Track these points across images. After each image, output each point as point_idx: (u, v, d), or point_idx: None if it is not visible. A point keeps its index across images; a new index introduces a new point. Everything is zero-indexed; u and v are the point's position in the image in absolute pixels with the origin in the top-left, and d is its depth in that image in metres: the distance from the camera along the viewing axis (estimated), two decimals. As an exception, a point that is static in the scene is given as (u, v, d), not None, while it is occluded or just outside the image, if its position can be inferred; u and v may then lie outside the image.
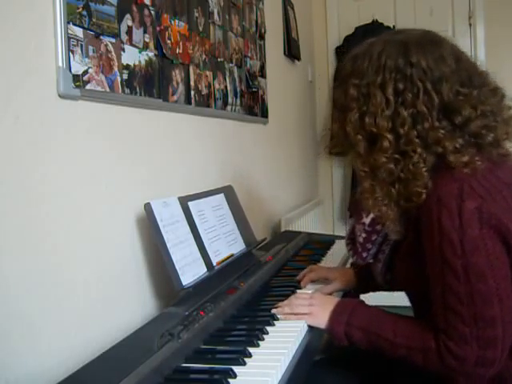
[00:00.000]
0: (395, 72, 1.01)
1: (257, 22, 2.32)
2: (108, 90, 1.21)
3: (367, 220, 1.25)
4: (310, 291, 1.36)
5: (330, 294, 1.42)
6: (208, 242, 1.45)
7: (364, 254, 1.27)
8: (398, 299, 1.45)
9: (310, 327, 1.17)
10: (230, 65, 1.98)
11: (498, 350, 0.96)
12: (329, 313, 1.14)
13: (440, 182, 0.99)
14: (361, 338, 1.10)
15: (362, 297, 1.54)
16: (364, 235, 1.26)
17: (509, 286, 0.97)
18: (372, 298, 1.50)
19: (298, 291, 1.38)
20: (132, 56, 1.31)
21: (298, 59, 3.13)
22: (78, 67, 1.11)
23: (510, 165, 1.07)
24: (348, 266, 1.66)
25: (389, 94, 1.01)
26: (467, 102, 1.00)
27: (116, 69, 1.24)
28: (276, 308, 1.24)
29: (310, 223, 3.04)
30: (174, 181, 1.54)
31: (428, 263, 1.03)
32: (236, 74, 2.04)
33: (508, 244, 0.97)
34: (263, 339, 1.09)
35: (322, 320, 1.15)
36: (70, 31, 1.08)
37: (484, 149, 1.02)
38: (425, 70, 1.01)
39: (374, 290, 1.44)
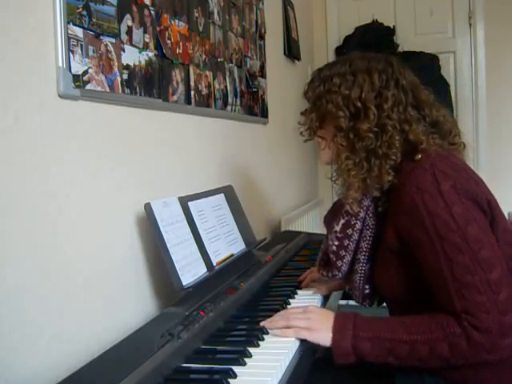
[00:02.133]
0: (379, 67, 1.19)
1: (257, 21, 2.32)
2: (108, 90, 1.21)
3: (338, 227, 1.24)
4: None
5: (332, 290, 1.44)
6: (208, 241, 1.45)
7: (339, 263, 1.25)
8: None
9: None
10: (230, 65, 1.98)
11: None
12: (330, 329, 1.10)
13: (413, 175, 1.09)
14: (371, 348, 1.06)
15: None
16: (337, 243, 1.25)
17: (499, 249, 1.06)
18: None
19: (289, 307, 1.31)
20: (132, 56, 1.31)
21: (298, 59, 3.13)
22: (78, 67, 1.11)
23: (456, 154, 1.22)
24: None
25: (375, 78, 1.17)
26: (429, 101, 1.22)
27: (116, 69, 1.24)
28: (269, 322, 1.17)
29: (310, 223, 3.04)
30: (174, 181, 1.54)
31: (425, 253, 1.06)
32: (236, 74, 2.04)
33: (485, 212, 1.09)
34: (263, 339, 1.09)
35: (323, 336, 1.10)
36: (69, 31, 1.08)
37: (439, 137, 1.19)
38: (401, 72, 1.20)
39: None
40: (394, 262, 1.15)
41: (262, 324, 1.16)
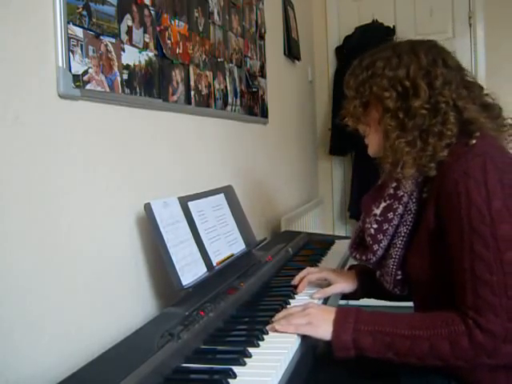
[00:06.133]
0: (424, 47, 1.17)
1: (257, 21, 2.32)
2: (108, 90, 1.21)
3: (378, 210, 1.22)
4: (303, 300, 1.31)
5: (329, 296, 1.39)
6: (208, 242, 1.45)
7: (375, 247, 1.22)
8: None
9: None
10: (230, 65, 1.98)
11: None
12: (331, 322, 1.09)
13: (464, 159, 1.06)
14: (371, 343, 1.05)
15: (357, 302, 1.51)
16: (375, 226, 1.21)
17: None
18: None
19: (289, 306, 1.29)
20: (132, 56, 1.31)
21: (298, 59, 3.13)
22: (78, 67, 1.11)
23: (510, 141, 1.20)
24: (346, 268, 1.63)
25: (421, 57, 1.14)
26: (476, 82, 1.21)
27: (116, 69, 1.25)
28: (271, 324, 1.15)
29: (310, 223, 3.04)
30: (174, 181, 1.54)
31: (453, 239, 1.05)
32: (236, 74, 2.04)
33: None
34: (263, 339, 1.09)
35: (324, 330, 1.09)
36: (70, 31, 1.08)
37: (490, 120, 1.15)
38: (446, 52, 1.19)
39: (375, 295, 1.41)
40: (429, 244, 1.12)
41: (268, 328, 1.14)
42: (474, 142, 1.09)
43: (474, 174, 1.03)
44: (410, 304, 1.32)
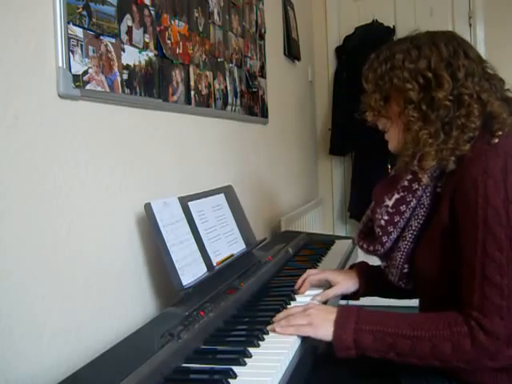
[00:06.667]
0: (444, 38, 1.15)
1: (257, 22, 2.32)
2: (108, 90, 1.21)
3: (391, 202, 1.19)
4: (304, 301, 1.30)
5: (330, 298, 1.38)
6: (208, 242, 1.45)
7: (384, 239, 1.20)
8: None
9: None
10: (230, 65, 1.98)
11: None
12: (332, 322, 1.09)
13: (484, 157, 1.04)
14: (373, 343, 1.05)
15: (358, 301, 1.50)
16: (386, 217, 1.19)
17: None
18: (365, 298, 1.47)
19: (289, 306, 1.28)
20: (132, 56, 1.31)
21: (298, 59, 3.13)
22: (78, 67, 1.11)
23: None
24: (347, 267, 1.62)
25: (442, 49, 1.12)
26: (497, 75, 1.20)
27: (116, 69, 1.25)
28: (272, 325, 1.14)
29: (310, 223, 3.04)
30: (174, 181, 1.54)
31: (466, 237, 1.03)
32: (236, 74, 2.04)
33: None
34: (263, 339, 1.09)
35: (325, 331, 1.08)
36: (70, 31, 1.08)
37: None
38: (466, 43, 1.17)
39: (379, 293, 1.41)
40: (440, 240, 1.11)
41: (268, 328, 1.13)
42: (496, 140, 1.07)
43: (494, 174, 1.01)
44: (412, 304, 1.32)
